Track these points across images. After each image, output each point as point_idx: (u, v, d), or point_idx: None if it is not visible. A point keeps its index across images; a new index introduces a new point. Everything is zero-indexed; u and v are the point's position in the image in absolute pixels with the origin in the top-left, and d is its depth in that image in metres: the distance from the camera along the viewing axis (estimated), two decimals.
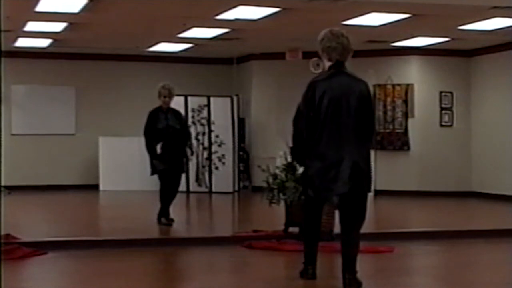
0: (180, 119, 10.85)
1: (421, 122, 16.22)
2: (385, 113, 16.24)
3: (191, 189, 16.33)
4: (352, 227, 6.45)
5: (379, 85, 16.26)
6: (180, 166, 10.64)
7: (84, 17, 12.17)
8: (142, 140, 10.91)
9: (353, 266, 6.38)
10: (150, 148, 10.51)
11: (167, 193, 10.53)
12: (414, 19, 12.13)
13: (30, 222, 11.59)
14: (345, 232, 6.47)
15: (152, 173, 10.59)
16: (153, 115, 10.61)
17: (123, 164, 16.32)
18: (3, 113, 13.35)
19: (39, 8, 11.48)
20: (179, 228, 10.60)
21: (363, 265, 6.68)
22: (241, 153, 17.04)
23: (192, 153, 10.95)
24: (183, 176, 11.51)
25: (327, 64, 6.58)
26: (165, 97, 10.60)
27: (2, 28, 10.54)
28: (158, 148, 10.49)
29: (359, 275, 6.39)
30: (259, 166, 9.70)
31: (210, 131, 16.44)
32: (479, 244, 9.50)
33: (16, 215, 11.06)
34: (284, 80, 16.76)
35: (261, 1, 11.17)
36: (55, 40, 14.94)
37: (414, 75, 16.31)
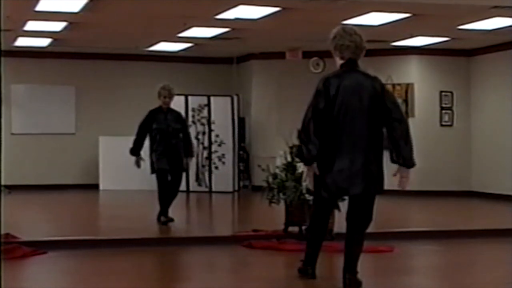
0: (181, 120, 10.86)
1: (421, 122, 16.21)
2: None
3: (191, 188, 16.32)
4: (359, 227, 6.43)
5: None
6: (180, 165, 10.66)
7: (84, 17, 12.18)
8: None
9: (355, 266, 6.37)
10: (137, 142, 10.63)
11: (166, 194, 10.54)
12: (414, 19, 12.13)
13: (30, 222, 11.59)
14: (351, 232, 6.44)
15: (152, 172, 10.62)
16: (152, 114, 10.65)
17: (123, 163, 16.18)
18: (3, 113, 13.34)
19: (39, 7, 11.48)
20: (179, 228, 10.60)
21: (363, 264, 6.67)
22: (241, 152, 17.04)
23: (191, 158, 11.02)
24: (183, 175, 11.51)
25: (339, 62, 6.47)
26: (165, 97, 10.64)
27: (2, 28, 10.53)
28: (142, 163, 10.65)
29: (359, 275, 6.39)
30: (259, 166, 9.70)
31: (210, 130, 16.44)
32: (479, 244, 9.49)
33: (16, 214, 11.05)
34: (284, 80, 16.77)
35: (261, 1, 11.17)
36: (55, 40, 14.94)
37: (414, 75, 16.31)
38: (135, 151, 10.70)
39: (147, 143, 10.76)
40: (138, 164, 10.75)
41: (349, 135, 6.28)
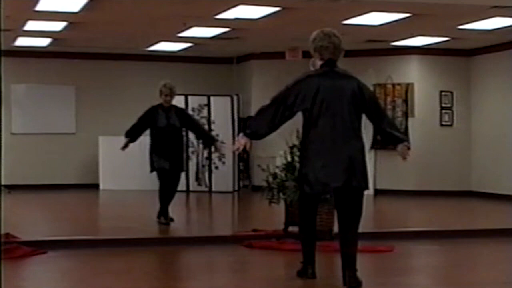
0: (182, 116, 10.72)
1: (421, 122, 16.22)
2: None
3: (191, 188, 16.33)
4: (349, 223, 6.49)
5: (379, 85, 16.25)
6: (179, 165, 10.62)
7: (84, 16, 12.18)
8: (142, 140, 10.90)
9: (353, 263, 6.40)
10: (134, 128, 10.56)
11: (167, 192, 10.51)
12: (414, 19, 12.14)
13: (30, 221, 11.58)
14: (343, 230, 6.51)
15: (152, 170, 10.57)
16: (152, 110, 10.55)
17: (123, 163, 16.29)
18: (3, 113, 13.37)
19: (39, 7, 11.49)
20: (178, 228, 10.60)
21: (363, 264, 6.67)
22: (241, 152, 17.01)
23: (217, 143, 11.04)
24: (183, 175, 11.49)
25: (319, 63, 6.68)
26: (166, 95, 10.54)
27: (2, 27, 10.53)
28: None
29: (359, 274, 6.39)
30: (259, 166, 9.71)
31: (210, 130, 16.43)
32: (479, 244, 9.49)
33: (16, 214, 11.06)
34: (284, 80, 16.49)
35: (261, 1, 11.17)
36: (55, 39, 14.94)
37: (414, 75, 16.31)
38: (131, 134, 10.56)
39: (147, 141, 10.70)
40: (124, 147, 10.63)
41: (331, 132, 6.44)
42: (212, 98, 16.54)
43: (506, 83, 15.19)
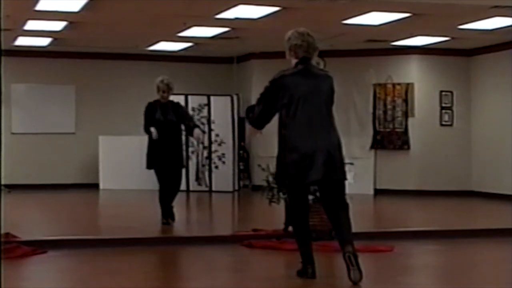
0: (178, 110, 10.58)
1: (421, 121, 16.22)
2: (385, 112, 16.25)
3: (191, 188, 16.33)
4: (336, 211, 6.61)
5: (379, 84, 16.26)
6: (179, 161, 10.55)
7: (84, 16, 12.18)
8: (142, 139, 10.87)
9: (350, 239, 6.47)
10: (147, 125, 10.40)
11: (167, 192, 10.45)
12: (414, 18, 12.14)
13: (30, 221, 11.59)
14: (333, 220, 6.62)
15: (148, 167, 10.48)
16: (150, 107, 10.49)
17: (123, 163, 16.32)
18: (3, 113, 13.36)
19: (39, 7, 11.49)
20: (179, 227, 10.60)
21: (363, 264, 6.66)
22: (241, 152, 17.04)
23: (198, 130, 10.82)
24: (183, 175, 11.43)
25: (294, 61, 6.87)
26: (164, 92, 10.45)
27: (2, 27, 10.53)
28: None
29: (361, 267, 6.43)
30: (259, 165, 9.71)
31: (210, 130, 16.44)
32: (479, 243, 9.49)
33: (16, 214, 11.06)
34: None
35: (261, 0, 11.17)
36: (55, 39, 14.95)
37: (414, 74, 16.31)
38: (149, 125, 10.44)
39: (146, 139, 10.64)
40: (155, 135, 10.45)
41: (308, 127, 6.59)
42: (212, 98, 16.55)
43: (506, 83, 15.19)
